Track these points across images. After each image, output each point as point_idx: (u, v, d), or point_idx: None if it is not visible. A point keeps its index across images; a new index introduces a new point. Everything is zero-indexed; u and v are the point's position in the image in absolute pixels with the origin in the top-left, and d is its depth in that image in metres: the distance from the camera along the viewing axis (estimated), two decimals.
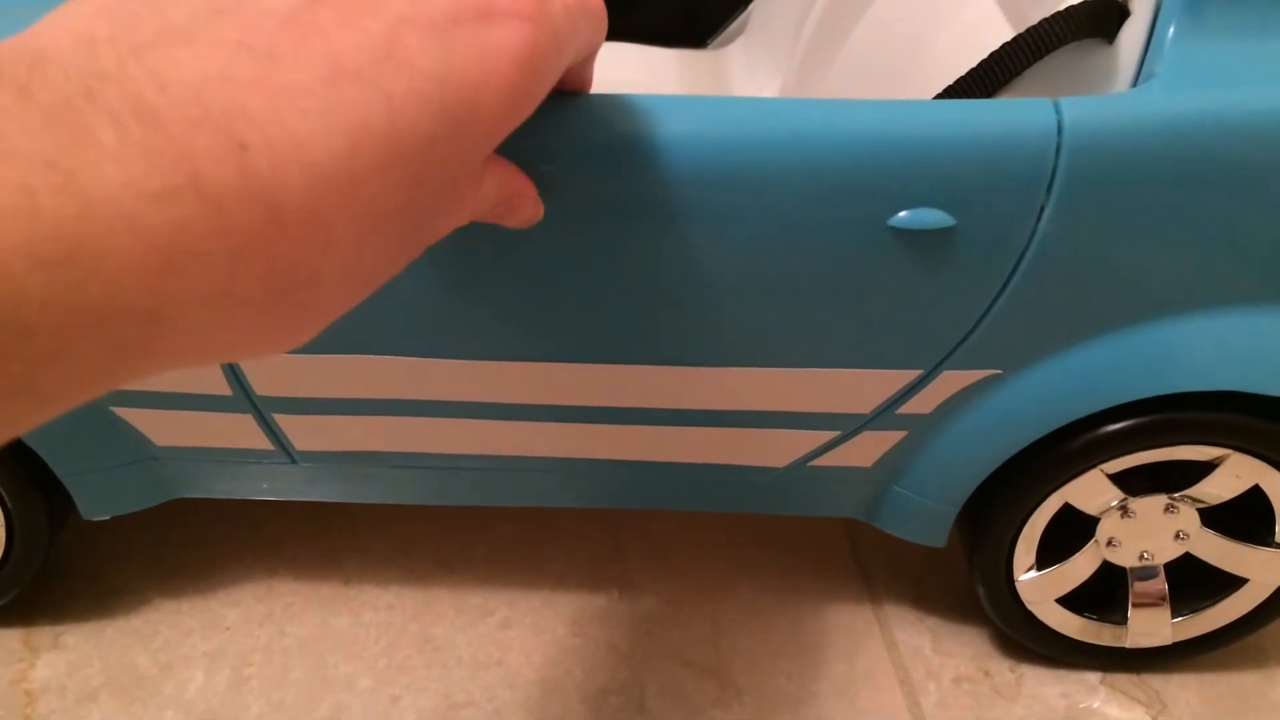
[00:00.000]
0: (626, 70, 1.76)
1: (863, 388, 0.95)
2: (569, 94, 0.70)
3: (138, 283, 0.27)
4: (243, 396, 0.98)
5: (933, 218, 0.83)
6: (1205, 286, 0.95)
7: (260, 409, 0.99)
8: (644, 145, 0.79)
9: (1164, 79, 0.90)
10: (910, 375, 0.95)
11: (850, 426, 0.99)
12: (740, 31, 1.84)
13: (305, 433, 1.02)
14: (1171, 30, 0.92)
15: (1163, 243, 0.93)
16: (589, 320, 0.89)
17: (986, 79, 0.95)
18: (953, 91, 0.97)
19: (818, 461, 1.03)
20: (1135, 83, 0.93)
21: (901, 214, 0.82)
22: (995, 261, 0.87)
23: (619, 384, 0.95)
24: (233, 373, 0.95)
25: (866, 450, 1.02)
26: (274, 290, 0.30)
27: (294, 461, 1.05)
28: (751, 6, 1.79)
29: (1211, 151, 0.89)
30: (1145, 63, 0.93)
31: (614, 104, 0.79)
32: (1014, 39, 0.94)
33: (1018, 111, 0.83)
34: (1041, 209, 0.85)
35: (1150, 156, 0.89)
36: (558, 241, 0.83)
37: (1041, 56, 0.94)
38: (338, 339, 0.91)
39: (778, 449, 1.02)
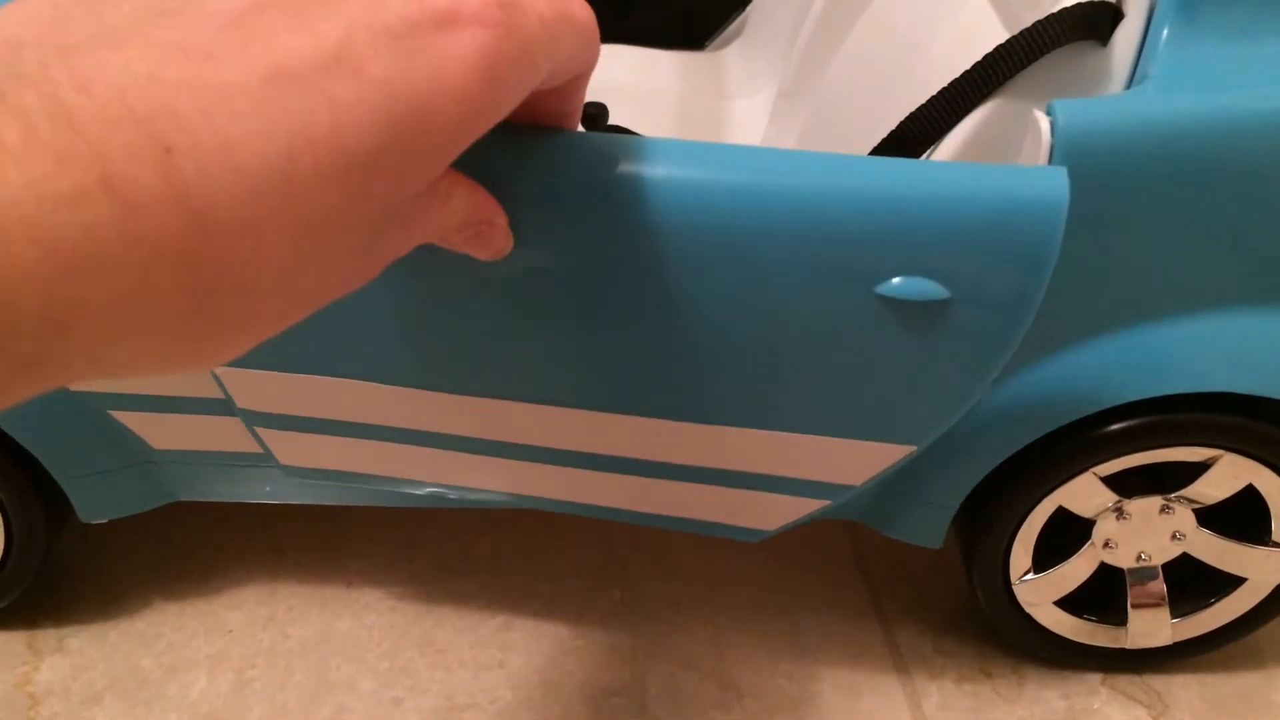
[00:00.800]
0: (624, 73, 1.76)
1: (853, 459, 0.91)
2: (556, 131, 0.65)
3: (37, 290, 0.25)
4: (232, 402, 0.99)
5: (925, 289, 0.76)
6: (1198, 288, 0.96)
7: (243, 419, 1.00)
8: (629, 190, 0.74)
9: (1157, 81, 0.91)
10: (903, 451, 0.90)
11: (840, 497, 0.96)
12: (738, 34, 1.85)
13: (285, 447, 1.02)
14: (1165, 33, 0.92)
15: (1156, 244, 0.93)
16: (565, 365, 0.86)
17: (981, 82, 0.96)
18: (947, 94, 0.98)
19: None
20: (1129, 85, 0.94)
21: (891, 282, 0.76)
22: (994, 339, 0.80)
23: (599, 431, 0.91)
24: (218, 380, 0.96)
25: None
26: (195, 300, 0.29)
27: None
28: (749, 9, 1.80)
29: (1205, 153, 0.89)
30: (1139, 65, 0.94)
31: (601, 146, 0.73)
32: (1008, 41, 0.94)
33: (1027, 180, 0.76)
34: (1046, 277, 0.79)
35: (1143, 158, 0.89)
36: (538, 283, 0.79)
37: (1036, 59, 0.94)
38: (312, 359, 0.91)
39: (765, 512, 0.99)
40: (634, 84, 1.74)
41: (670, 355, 0.84)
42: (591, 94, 1.67)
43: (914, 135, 0.99)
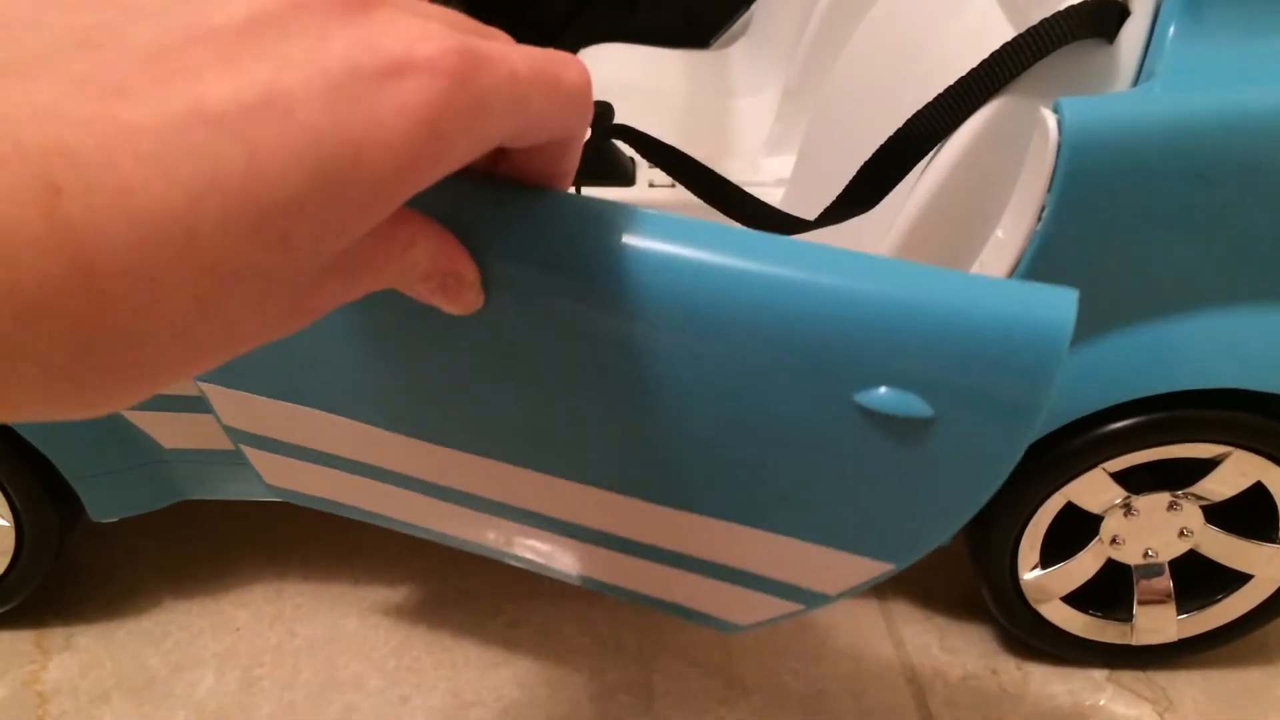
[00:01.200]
0: (630, 71, 1.77)
1: (828, 567, 0.85)
2: (536, 192, 0.59)
3: None
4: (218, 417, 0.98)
5: (907, 404, 0.69)
6: (1206, 285, 0.96)
7: (229, 435, 0.99)
8: (600, 259, 0.66)
9: (1164, 78, 0.91)
10: (881, 568, 0.83)
11: (815, 603, 0.89)
12: (742, 32, 1.85)
13: (268, 468, 1.01)
14: (1172, 30, 0.92)
15: (1164, 241, 0.93)
16: (534, 429, 0.81)
17: (987, 79, 0.96)
18: (953, 92, 0.98)
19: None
20: (1136, 82, 0.94)
21: (871, 392, 0.69)
22: (980, 467, 0.73)
23: (572, 500, 0.87)
24: (204, 395, 0.94)
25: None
26: (77, 351, 0.27)
27: None
28: (753, 8, 1.80)
29: (1212, 150, 0.90)
30: (1146, 62, 0.94)
31: (581, 209, 0.64)
32: (1015, 39, 0.94)
33: (1029, 301, 0.65)
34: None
35: (1150, 155, 0.89)
36: (511, 345, 0.73)
37: (1042, 56, 0.94)
38: (292, 389, 0.88)
39: (737, 606, 0.94)
40: (639, 82, 1.74)
41: (637, 433, 0.77)
42: (598, 92, 1.68)
43: (920, 133, 1.00)
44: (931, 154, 1.00)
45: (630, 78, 1.76)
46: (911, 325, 0.65)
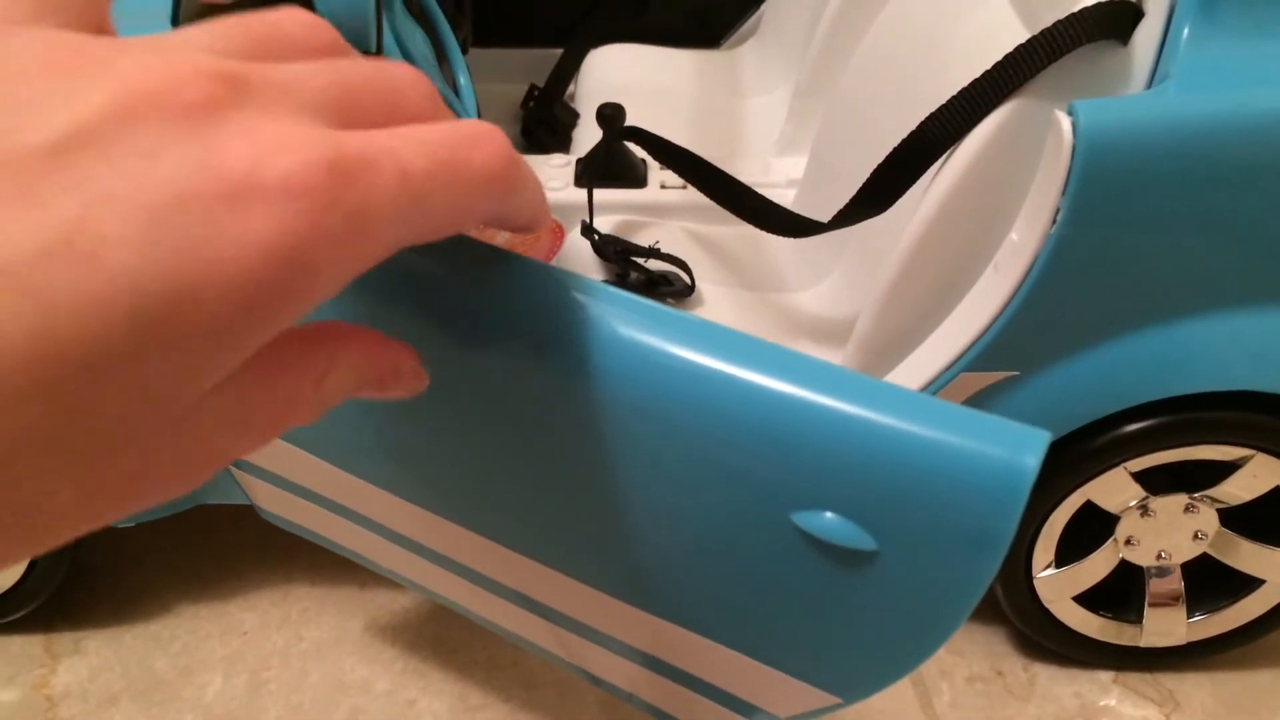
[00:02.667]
0: (641, 71, 1.76)
1: (776, 690, 0.78)
2: (518, 259, 0.56)
3: None
4: None
5: (848, 533, 0.59)
6: (1223, 287, 0.95)
7: None
8: (559, 335, 0.59)
9: (1179, 80, 0.90)
10: (829, 699, 0.74)
11: None
12: (753, 31, 1.84)
13: (262, 496, 0.99)
14: (1186, 31, 0.91)
15: (1180, 243, 0.93)
16: (499, 501, 0.76)
17: (1001, 82, 0.96)
18: (967, 94, 0.97)
19: None
20: (1150, 84, 0.93)
21: (809, 514, 0.60)
22: (928, 613, 0.62)
23: (534, 577, 0.80)
24: None
25: None
26: None
27: None
28: (764, 6, 1.80)
29: (1227, 152, 0.89)
30: (1160, 64, 0.93)
31: (536, 280, 0.58)
32: (1028, 41, 0.94)
33: (989, 441, 0.53)
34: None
35: (1165, 157, 0.89)
36: (468, 418, 0.69)
37: (1056, 58, 0.93)
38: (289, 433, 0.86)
39: (694, 711, 0.87)
40: (651, 83, 1.73)
41: (586, 516, 0.71)
42: (609, 94, 1.68)
43: (934, 136, 0.99)
44: (945, 156, 1.00)
45: (641, 78, 1.75)
46: (857, 448, 0.56)
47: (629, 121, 1.33)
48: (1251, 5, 0.93)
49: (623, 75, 1.74)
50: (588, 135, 1.34)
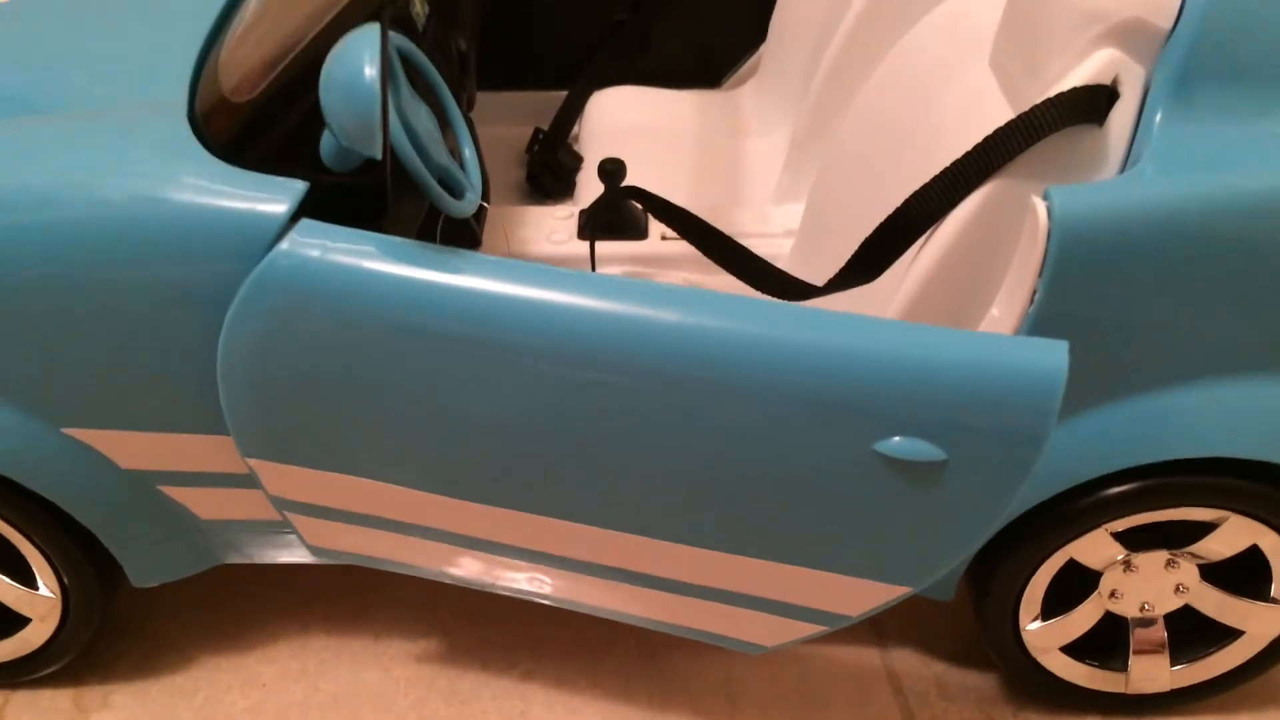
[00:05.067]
0: (642, 113, 1.80)
1: (850, 593, 0.99)
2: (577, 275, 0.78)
3: None
4: (265, 489, 1.05)
5: (922, 450, 0.85)
6: (1197, 358, 0.99)
7: (274, 504, 1.06)
8: (644, 334, 0.86)
9: (1151, 163, 0.94)
10: (899, 590, 0.98)
11: (836, 624, 1.03)
12: (752, 73, 1.88)
13: (312, 531, 1.09)
14: (1159, 116, 0.95)
15: (1155, 319, 0.97)
16: (589, 490, 0.95)
17: (980, 164, 0.99)
18: (948, 175, 1.01)
19: None
20: (1125, 165, 0.97)
21: (890, 441, 0.85)
22: (988, 499, 0.89)
23: (610, 547, 1.00)
24: (251, 470, 1.02)
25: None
26: None
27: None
28: (763, 48, 1.83)
29: (1197, 233, 0.93)
30: (1134, 145, 0.97)
31: (613, 286, 0.87)
32: (1007, 126, 0.97)
33: (1026, 353, 0.84)
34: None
35: (1137, 240, 0.92)
36: (559, 411, 0.90)
37: (1034, 142, 0.97)
38: (336, 459, 0.99)
39: (766, 630, 1.06)
40: (652, 124, 1.77)
41: (681, 488, 0.92)
42: (613, 136, 1.73)
43: (918, 214, 1.03)
44: (927, 235, 1.03)
45: (643, 120, 1.79)
46: (921, 380, 0.82)
47: (633, 162, 1.37)
48: (1224, 90, 0.96)
49: (625, 117, 1.78)
50: (592, 180, 1.39)
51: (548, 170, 1.71)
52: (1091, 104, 0.98)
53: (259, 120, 1.00)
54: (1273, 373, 1.01)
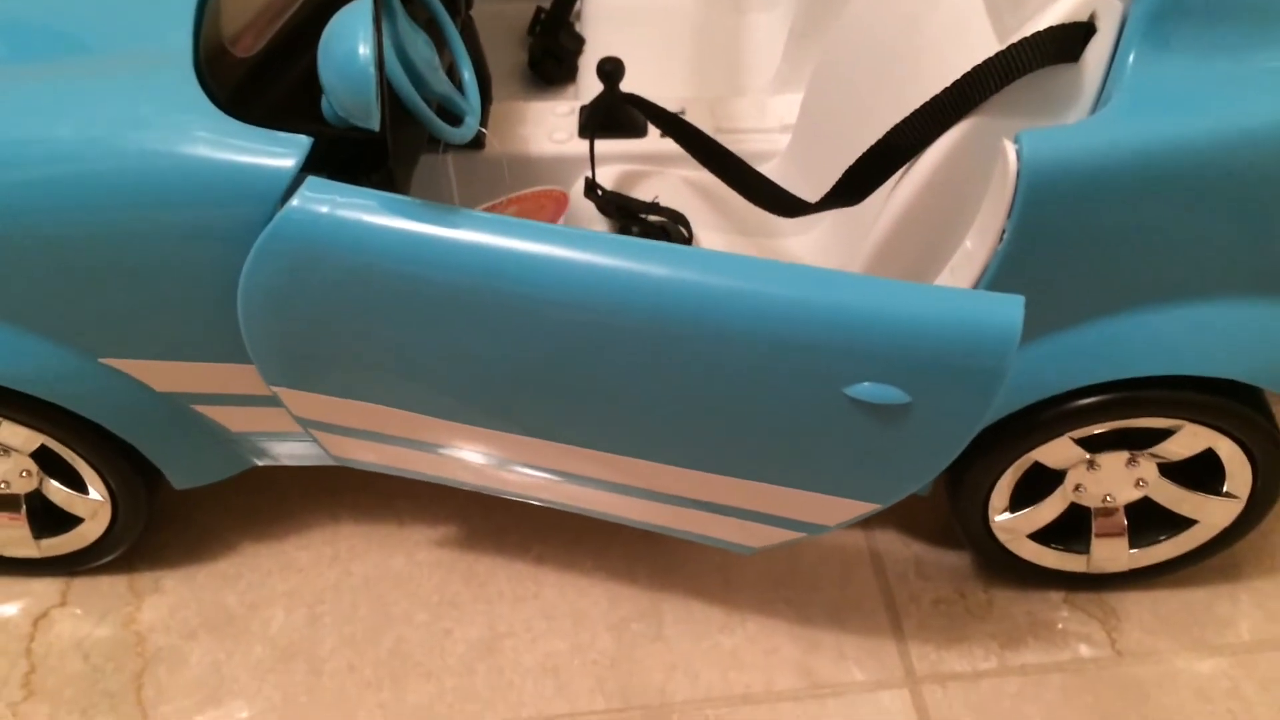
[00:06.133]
0: None
1: (827, 508, 1.10)
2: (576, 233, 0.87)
3: None
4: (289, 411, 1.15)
5: (888, 394, 0.95)
6: (1153, 288, 1.05)
7: (299, 423, 1.16)
8: (626, 288, 0.93)
9: (1121, 103, 0.97)
10: (870, 507, 1.10)
11: (815, 532, 1.15)
12: None
13: (335, 445, 1.19)
14: (1132, 57, 0.98)
15: (1114, 255, 1.02)
16: (603, 420, 1.06)
17: (959, 101, 1.02)
18: (930, 108, 1.04)
19: None
20: (1097, 104, 1.00)
21: (859, 386, 0.95)
22: (948, 435, 0.99)
23: (618, 469, 1.11)
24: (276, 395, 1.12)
25: None
26: None
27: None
28: None
29: (1160, 173, 0.97)
30: (1107, 84, 1.00)
31: (604, 243, 0.94)
32: (985, 63, 1.00)
33: (984, 306, 0.91)
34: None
35: (1102, 183, 0.97)
36: (576, 350, 0.98)
37: (1011, 81, 1.00)
38: (347, 387, 1.09)
39: (754, 535, 1.18)
40: (652, 2, 1.77)
41: (679, 420, 1.02)
42: (615, 13, 1.73)
43: (899, 144, 1.07)
44: (906, 167, 1.08)
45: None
46: (889, 333, 0.92)
47: (633, 45, 1.39)
48: (1199, 27, 0.98)
49: None
50: (593, 66, 1.41)
51: (550, 57, 1.72)
52: (1068, 42, 1.00)
53: (262, 75, 1.04)
54: (1229, 296, 1.07)
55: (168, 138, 0.98)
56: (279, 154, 0.97)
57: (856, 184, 1.13)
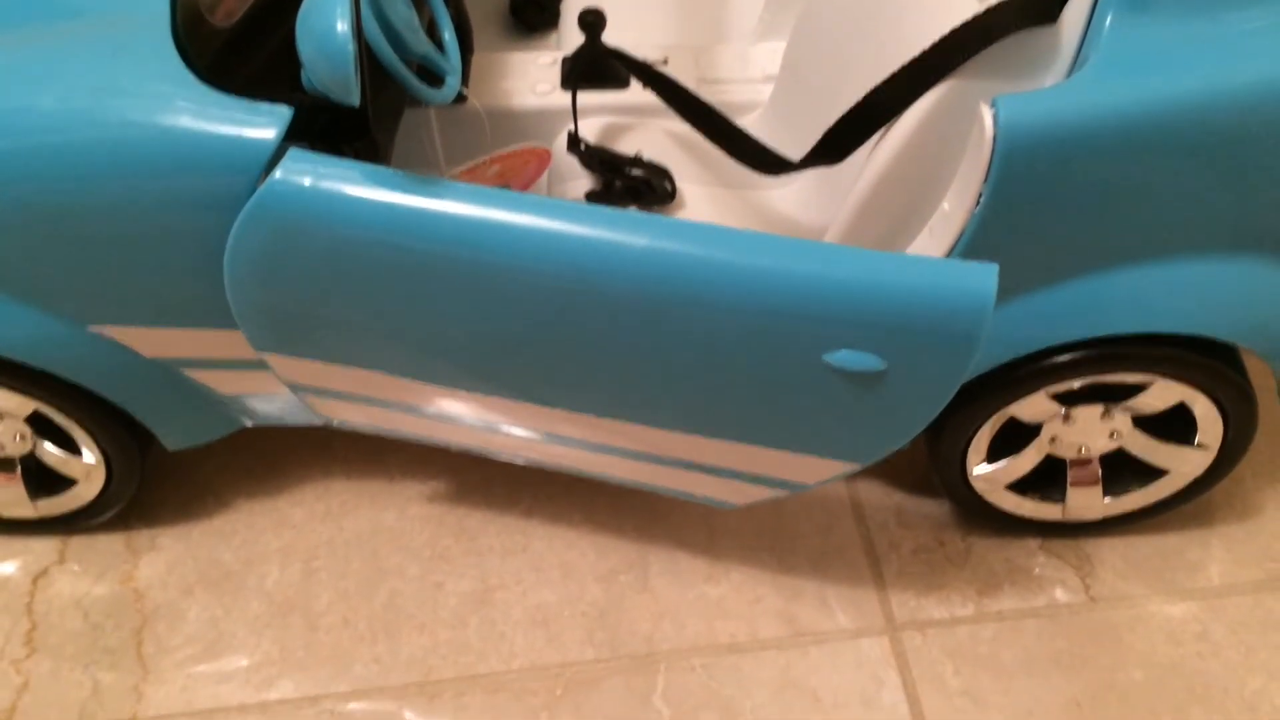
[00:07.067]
0: None
1: (807, 467, 1.13)
2: (567, 206, 0.89)
3: None
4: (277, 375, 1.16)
5: (865, 362, 0.97)
6: (1127, 249, 1.07)
7: (288, 388, 1.18)
8: (614, 259, 0.94)
9: (1097, 65, 0.98)
10: (849, 466, 1.13)
11: (796, 490, 1.19)
12: None
13: (324, 407, 1.21)
14: (1109, 19, 0.98)
15: (1093, 214, 1.03)
16: (592, 384, 1.08)
17: (939, 63, 1.03)
18: (909, 70, 1.05)
19: None
20: (1073, 67, 1.01)
21: (837, 353, 0.97)
22: (923, 400, 1.02)
23: (607, 431, 1.13)
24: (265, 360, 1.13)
25: None
26: None
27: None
28: None
29: (1134, 135, 0.98)
30: (1084, 46, 1.00)
31: (582, 213, 0.95)
32: (963, 26, 1.01)
33: (958, 275, 0.93)
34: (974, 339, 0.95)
35: (1076, 147, 0.98)
36: (565, 320, 1.00)
37: (989, 44, 1.01)
38: (333, 353, 1.10)
39: (737, 492, 1.22)
40: None
41: (666, 385, 1.05)
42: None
43: (879, 104, 1.08)
44: (885, 128, 1.08)
45: None
46: (865, 302, 0.94)
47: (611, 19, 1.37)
48: None
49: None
50: (576, 14, 1.40)
51: (532, 3, 1.71)
52: (1047, 3, 1.01)
53: (241, 44, 1.03)
54: (1203, 255, 1.08)
55: (149, 108, 0.98)
56: (260, 124, 0.97)
57: (837, 144, 1.13)
